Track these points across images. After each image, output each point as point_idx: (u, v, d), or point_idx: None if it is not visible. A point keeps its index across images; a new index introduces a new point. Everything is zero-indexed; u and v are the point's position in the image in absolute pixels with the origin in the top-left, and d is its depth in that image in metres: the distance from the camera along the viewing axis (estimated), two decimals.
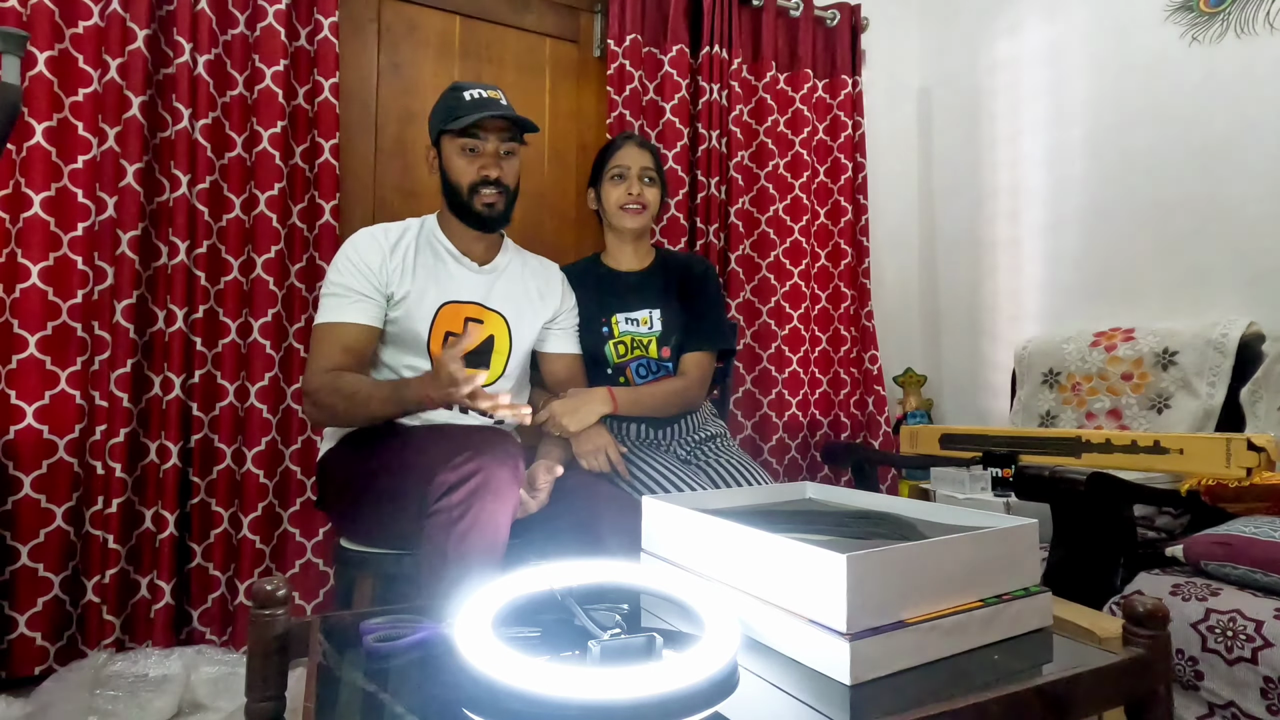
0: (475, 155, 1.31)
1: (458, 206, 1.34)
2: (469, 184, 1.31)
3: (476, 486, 1.02)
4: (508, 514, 1.06)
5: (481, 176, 1.31)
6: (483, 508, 1.02)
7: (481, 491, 1.02)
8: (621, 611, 0.66)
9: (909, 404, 2.45)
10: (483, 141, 1.31)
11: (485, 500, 1.02)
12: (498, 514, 1.04)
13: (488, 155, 1.32)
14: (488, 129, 1.31)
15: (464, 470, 1.03)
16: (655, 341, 1.57)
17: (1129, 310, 1.97)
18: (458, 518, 1.01)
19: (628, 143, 1.60)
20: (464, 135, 1.30)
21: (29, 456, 1.43)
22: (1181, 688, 1.11)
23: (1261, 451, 1.25)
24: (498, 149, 1.32)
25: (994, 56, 2.40)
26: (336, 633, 0.76)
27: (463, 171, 1.31)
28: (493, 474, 1.03)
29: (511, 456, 1.07)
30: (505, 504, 1.05)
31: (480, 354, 1.36)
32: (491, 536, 1.03)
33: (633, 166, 1.56)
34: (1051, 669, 0.68)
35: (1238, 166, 1.76)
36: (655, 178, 1.59)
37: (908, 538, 0.80)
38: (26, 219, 1.44)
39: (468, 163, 1.31)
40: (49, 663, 1.42)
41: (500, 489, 1.04)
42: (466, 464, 1.03)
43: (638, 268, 1.65)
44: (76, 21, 1.50)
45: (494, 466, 1.04)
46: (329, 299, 1.28)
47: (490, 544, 1.03)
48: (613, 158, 1.58)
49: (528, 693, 0.50)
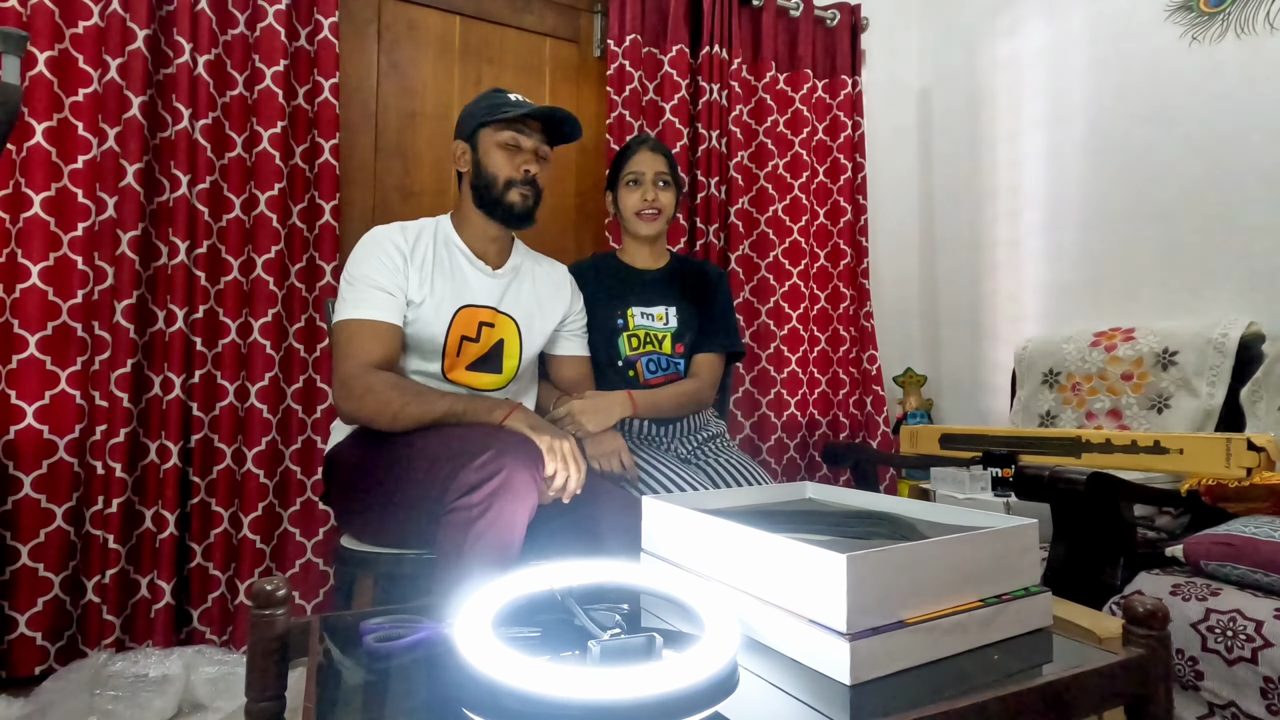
0: (516, 151, 1.32)
1: (488, 201, 1.33)
2: (506, 178, 1.32)
3: (498, 486, 1.02)
4: (525, 516, 1.06)
5: (523, 172, 1.32)
6: (502, 508, 1.02)
7: (502, 491, 1.02)
8: (621, 611, 0.66)
9: (909, 404, 2.45)
10: (525, 138, 1.32)
11: (505, 500, 1.02)
12: (516, 515, 1.03)
13: (527, 152, 1.33)
14: (530, 127, 1.33)
15: (487, 470, 1.02)
16: (670, 338, 1.59)
17: (1129, 310, 1.97)
18: (476, 516, 1.01)
19: (642, 147, 1.60)
20: (508, 129, 1.31)
21: (29, 456, 1.43)
22: (1181, 688, 1.11)
23: (1261, 451, 1.25)
24: (537, 148, 1.34)
25: (994, 56, 2.40)
26: (336, 633, 0.76)
27: (501, 165, 1.32)
28: (515, 474, 1.03)
29: (533, 458, 1.07)
30: (524, 505, 1.04)
31: (490, 358, 1.36)
32: (508, 537, 1.03)
33: (647, 172, 1.58)
34: (1051, 669, 0.68)
35: (1238, 166, 1.76)
36: (670, 181, 1.60)
37: (908, 538, 0.80)
38: (27, 219, 1.44)
39: (508, 157, 1.32)
40: (49, 663, 1.42)
41: (520, 490, 1.04)
42: (490, 463, 1.03)
43: (654, 267, 1.66)
44: (76, 21, 1.50)
45: (516, 467, 1.04)
46: (358, 290, 1.24)
47: (506, 545, 1.03)
48: (628, 163, 1.60)
49: (528, 693, 0.50)
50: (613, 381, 1.57)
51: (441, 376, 1.31)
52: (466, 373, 1.33)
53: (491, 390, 1.36)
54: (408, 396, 1.18)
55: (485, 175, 1.32)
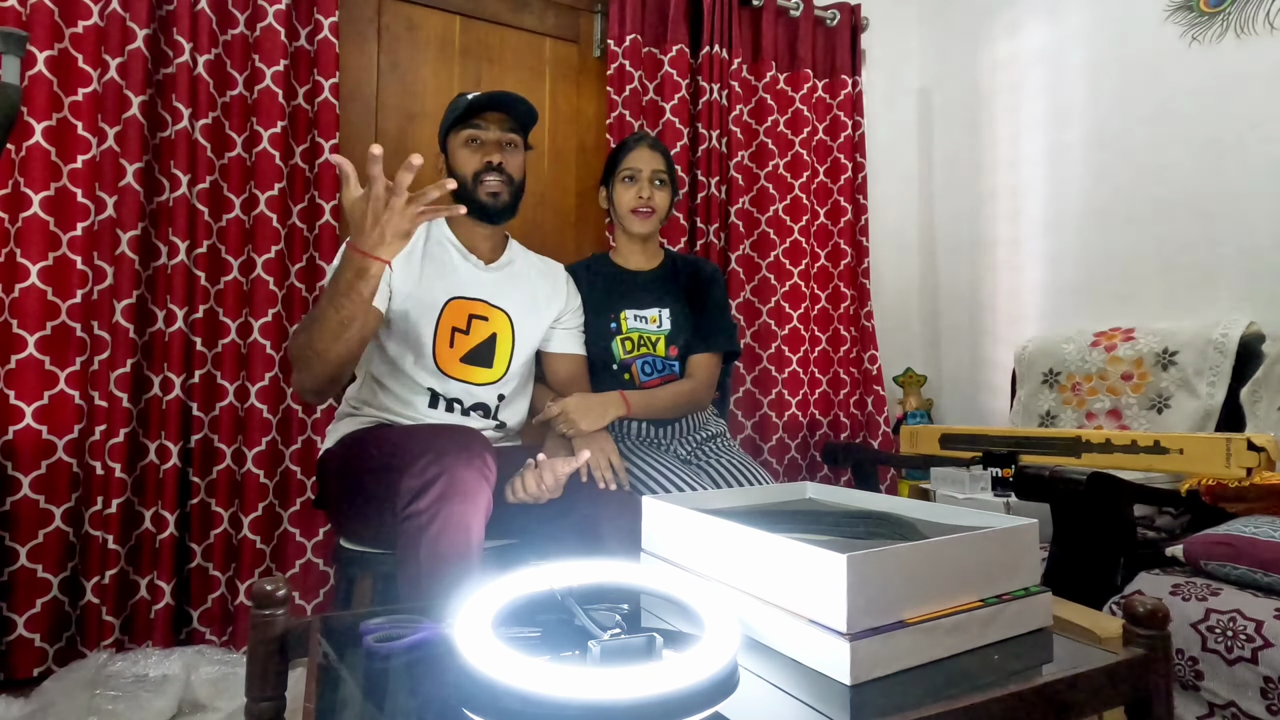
0: (478, 145, 1.34)
1: (464, 200, 1.34)
2: (473, 172, 1.33)
3: (442, 491, 1.01)
4: (479, 514, 1.04)
5: (485, 163, 1.33)
6: (450, 511, 1.01)
7: (448, 495, 1.01)
8: (621, 611, 0.66)
9: (909, 404, 2.45)
10: (484, 131, 1.34)
11: (453, 504, 1.01)
12: (466, 515, 1.02)
13: (490, 144, 1.34)
14: (488, 119, 1.34)
15: (427, 475, 1.02)
16: (664, 340, 1.58)
17: (1129, 310, 1.97)
18: (426, 523, 1.00)
19: (640, 144, 1.59)
20: (467, 127, 1.33)
21: (28, 457, 1.43)
22: (1181, 688, 1.11)
23: (1261, 451, 1.25)
24: (500, 139, 1.35)
25: (994, 56, 2.40)
26: (336, 633, 0.76)
27: (466, 161, 1.34)
28: (456, 476, 1.02)
29: (478, 455, 1.06)
30: (474, 504, 1.03)
31: (483, 353, 1.36)
32: (464, 539, 1.02)
33: (644, 169, 1.56)
34: (1051, 669, 0.68)
35: (1238, 166, 1.76)
36: (666, 180, 1.59)
37: (908, 538, 0.80)
38: (26, 218, 1.44)
39: (471, 153, 1.34)
40: (48, 664, 1.42)
41: (467, 490, 1.02)
42: (429, 468, 1.02)
43: (647, 267, 1.65)
44: (76, 21, 1.49)
45: (458, 469, 1.02)
46: None
47: (463, 546, 1.01)
48: (625, 159, 1.59)
49: (528, 693, 0.50)
50: (608, 385, 1.57)
51: (435, 369, 1.31)
52: (460, 365, 1.33)
53: (485, 385, 1.36)
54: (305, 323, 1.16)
55: (457, 176, 1.34)
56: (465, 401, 1.34)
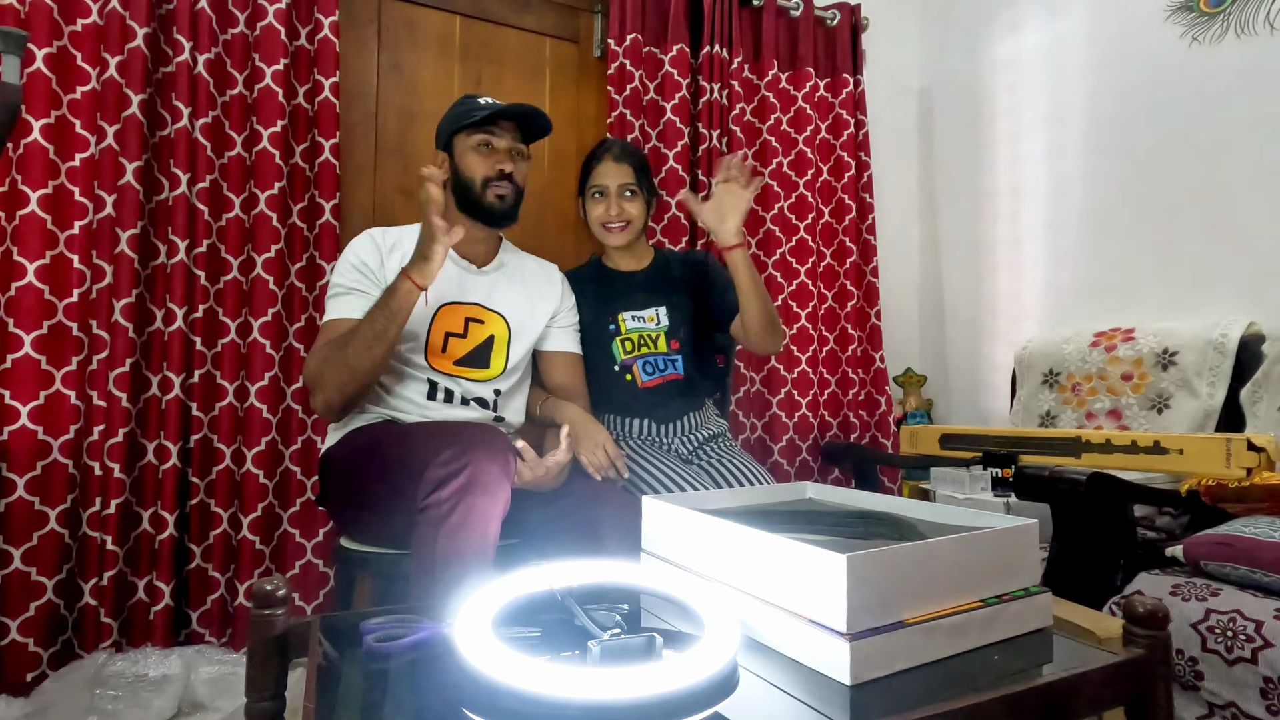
0: (489, 151, 1.36)
1: (468, 203, 1.36)
2: (483, 178, 1.35)
3: (466, 482, 1.01)
4: (498, 510, 1.05)
5: (496, 170, 1.35)
6: (472, 504, 1.01)
7: (471, 487, 1.01)
8: (621, 611, 0.66)
9: (909, 404, 2.45)
10: (497, 138, 1.36)
11: (475, 496, 1.01)
12: (487, 509, 1.03)
13: (501, 151, 1.36)
14: (502, 128, 1.36)
15: (452, 466, 1.02)
16: (664, 336, 1.59)
17: (1129, 310, 1.97)
18: (447, 513, 1.00)
19: (605, 157, 1.57)
20: (479, 132, 1.35)
21: (23, 458, 1.42)
22: (1181, 688, 1.11)
23: (1261, 451, 1.25)
24: (511, 147, 1.37)
25: (994, 56, 2.40)
26: (336, 633, 0.76)
27: (476, 167, 1.35)
28: (481, 469, 1.03)
29: (501, 451, 1.07)
30: (495, 500, 1.04)
31: (480, 354, 1.37)
32: (482, 533, 1.02)
33: (611, 185, 1.55)
34: (1051, 669, 0.68)
35: (1238, 166, 1.76)
36: (636, 190, 1.57)
37: (908, 538, 0.80)
38: (23, 216, 1.43)
39: (481, 159, 1.35)
40: (42, 668, 1.40)
41: (490, 485, 1.03)
42: (455, 460, 1.03)
43: (638, 268, 1.65)
44: (75, 19, 1.49)
45: (483, 461, 1.03)
46: (330, 301, 1.32)
47: (479, 541, 1.02)
48: (592, 175, 1.58)
49: (528, 693, 0.50)
50: (609, 386, 1.57)
51: (429, 370, 1.33)
52: (455, 367, 1.35)
53: (482, 382, 1.37)
54: (344, 343, 1.20)
55: (463, 179, 1.36)
56: (463, 394, 1.36)
